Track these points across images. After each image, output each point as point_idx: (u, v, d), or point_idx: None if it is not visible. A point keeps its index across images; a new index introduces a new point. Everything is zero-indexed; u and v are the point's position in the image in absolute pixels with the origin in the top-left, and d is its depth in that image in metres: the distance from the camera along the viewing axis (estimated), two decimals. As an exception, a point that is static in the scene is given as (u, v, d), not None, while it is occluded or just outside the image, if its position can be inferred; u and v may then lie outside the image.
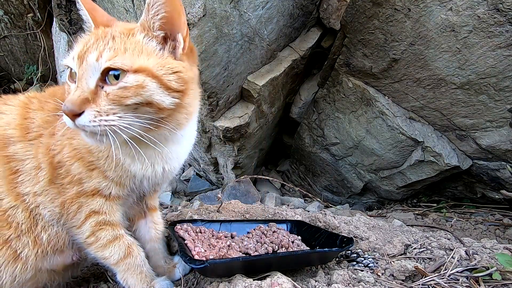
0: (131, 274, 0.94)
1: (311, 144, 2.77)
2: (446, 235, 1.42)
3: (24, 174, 0.88)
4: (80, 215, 0.88)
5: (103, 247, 0.91)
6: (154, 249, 1.09)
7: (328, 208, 2.50)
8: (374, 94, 2.21)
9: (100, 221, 0.90)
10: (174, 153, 0.92)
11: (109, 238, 0.91)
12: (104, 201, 0.89)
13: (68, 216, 0.88)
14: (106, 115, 0.72)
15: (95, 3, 0.89)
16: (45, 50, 3.72)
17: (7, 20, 3.56)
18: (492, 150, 2.00)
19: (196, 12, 1.73)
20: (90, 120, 0.71)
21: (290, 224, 1.33)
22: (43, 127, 0.90)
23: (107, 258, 0.92)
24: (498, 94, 1.79)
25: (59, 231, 0.92)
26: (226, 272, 0.93)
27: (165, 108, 0.77)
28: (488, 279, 0.99)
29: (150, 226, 1.11)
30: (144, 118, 0.76)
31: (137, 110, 0.75)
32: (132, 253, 0.94)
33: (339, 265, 1.12)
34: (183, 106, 0.82)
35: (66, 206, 0.87)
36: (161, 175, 0.92)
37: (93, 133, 0.74)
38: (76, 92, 0.72)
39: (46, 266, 0.94)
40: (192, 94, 0.86)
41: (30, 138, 0.90)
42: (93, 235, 0.90)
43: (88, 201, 0.88)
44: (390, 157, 2.34)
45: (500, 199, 2.25)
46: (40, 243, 0.90)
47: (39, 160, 0.88)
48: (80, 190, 0.87)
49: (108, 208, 0.90)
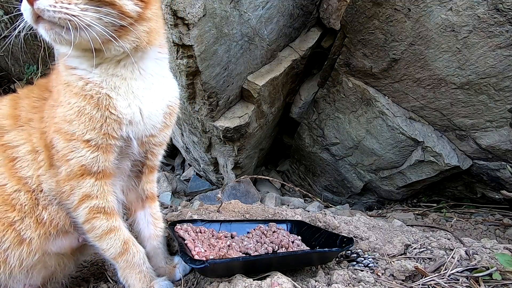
0: (130, 273, 0.94)
1: (311, 144, 2.77)
2: (446, 235, 1.42)
3: (21, 160, 0.91)
4: (74, 198, 0.89)
5: (99, 237, 0.91)
6: (155, 249, 1.09)
7: (328, 208, 2.50)
8: (374, 94, 2.21)
9: (93, 207, 0.89)
10: (143, 91, 0.90)
11: (104, 229, 0.91)
12: (94, 181, 0.88)
13: (62, 196, 0.89)
14: (68, 2, 0.71)
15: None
16: (45, 50, 3.72)
17: (7, 20, 3.56)
18: (492, 150, 2.00)
19: (196, 12, 1.73)
20: (50, 4, 0.70)
21: (290, 224, 1.33)
22: (32, 112, 0.94)
23: (105, 250, 0.93)
24: (498, 94, 1.79)
25: (59, 210, 0.93)
26: (226, 272, 0.93)
27: (127, 13, 0.78)
28: (488, 279, 0.99)
29: (150, 221, 1.10)
30: (105, 21, 0.75)
31: (99, 8, 0.74)
32: (129, 249, 0.94)
33: (339, 265, 1.12)
34: (144, 18, 0.83)
35: (61, 186, 0.89)
36: (141, 119, 0.90)
37: (52, 24, 0.72)
38: None
39: (53, 249, 0.94)
40: (155, 12, 0.87)
41: (20, 124, 0.93)
42: (88, 222, 0.90)
43: (79, 183, 0.87)
44: (390, 157, 2.34)
45: (500, 199, 2.25)
46: (42, 224, 0.91)
47: (34, 145, 0.91)
48: (69, 171, 0.87)
49: (99, 190, 0.89)
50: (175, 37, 1.78)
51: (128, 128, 0.88)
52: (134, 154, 0.96)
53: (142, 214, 1.10)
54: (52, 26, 0.73)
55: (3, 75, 3.96)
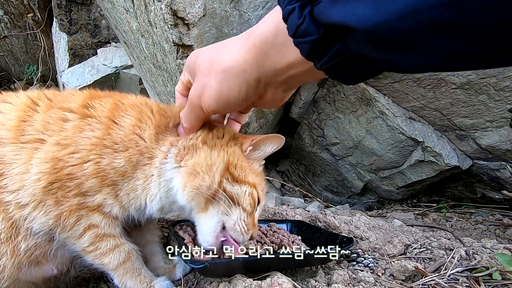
0: (129, 277, 0.93)
1: (311, 144, 2.77)
2: (446, 235, 1.42)
3: (9, 178, 0.82)
4: (79, 227, 0.86)
5: (103, 255, 0.90)
6: (152, 251, 1.09)
7: (328, 208, 2.50)
8: (374, 94, 2.21)
9: (100, 234, 0.89)
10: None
11: (109, 247, 0.90)
12: (103, 218, 0.88)
13: (64, 228, 0.85)
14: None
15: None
16: (45, 50, 3.73)
17: (7, 20, 3.56)
18: (492, 150, 2.00)
19: (196, 12, 1.73)
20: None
21: (290, 224, 1.33)
22: (45, 132, 0.85)
23: (105, 265, 0.91)
24: (498, 94, 1.79)
25: (40, 242, 0.88)
26: (226, 272, 0.93)
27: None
28: (488, 279, 0.99)
29: (146, 231, 1.10)
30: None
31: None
32: (131, 258, 0.93)
33: (339, 265, 1.12)
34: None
35: (63, 219, 0.84)
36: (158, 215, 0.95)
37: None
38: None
39: (23, 278, 0.90)
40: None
41: (23, 141, 0.84)
42: (92, 245, 0.88)
43: (89, 214, 0.86)
44: (390, 157, 2.34)
45: (500, 199, 2.25)
46: (17, 253, 0.86)
47: (29, 166, 0.82)
48: (82, 203, 0.84)
49: (107, 224, 0.89)
50: (175, 37, 1.77)
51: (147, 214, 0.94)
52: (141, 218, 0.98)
53: (139, 229, 1.10)
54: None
55: (3, 75, 3.96)
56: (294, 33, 0.49)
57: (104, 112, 0.87)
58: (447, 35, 0.36)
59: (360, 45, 0.44)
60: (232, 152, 0.88)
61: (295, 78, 0.60)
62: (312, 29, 0.46)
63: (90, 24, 3.38)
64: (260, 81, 0.64)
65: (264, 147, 0.94)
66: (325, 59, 0.48)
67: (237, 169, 0.87)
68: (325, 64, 0.49)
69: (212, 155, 0.86)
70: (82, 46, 3.39)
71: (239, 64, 0.63)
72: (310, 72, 0.56)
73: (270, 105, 0.72)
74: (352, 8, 0.40)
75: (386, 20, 0.37)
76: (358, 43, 0.44)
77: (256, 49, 0.60)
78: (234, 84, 0.65)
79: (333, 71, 0.50)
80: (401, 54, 0.41)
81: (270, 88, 0.66)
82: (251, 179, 0.89)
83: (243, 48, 0.63)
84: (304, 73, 0.58)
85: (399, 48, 0.40)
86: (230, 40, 0.69)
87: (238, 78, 0.64)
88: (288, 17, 0.49)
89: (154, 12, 1.71)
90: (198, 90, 0.72)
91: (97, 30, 3.42)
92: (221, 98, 0.68)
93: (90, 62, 3.24)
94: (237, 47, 0.64)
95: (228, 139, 0.91)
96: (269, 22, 0.57)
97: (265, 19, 0.59)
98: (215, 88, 0.68)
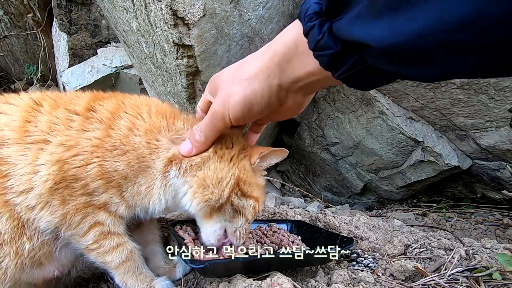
0: (130, 276, 0.93)
1: (311, 144, 2.77)
2: (446, 235, 1.42)
3: (15, 178, 0.82)
4: (84, 225, 0.87)
5: (106, 253, 0.90)
6: (153, 251, 1.09)
7: (328, 208, 2.50)
8: (374, 94, 2.21)
9: (104, 231, 0.89)
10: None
11: (113, 245, 0.90)
12: (108, 216, 0.89)
13: (70, 226, 0.86)
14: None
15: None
16: (45, 50, 3.73)
17: (7, 20, 3.56)
18: (492, 150, 2.00)
19: (196, 12, 1.73)
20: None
21: (290, 224, 1.33)
22: (50, 133, 0.84)
23: (108, 263, 0.91)
24: (498, 94, 1.79)
25: (45, 241, 0.88)
26: (226, 272, 0.93)
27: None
28: (488, 279, 0.99)
29: (147, 231, 1.11)
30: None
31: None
32: (133, 257, 0.94)
33: (339, 265, 1.12)
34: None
35: (69, 217, 0.85)
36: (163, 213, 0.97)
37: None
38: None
39: (25, 279, 0.91)
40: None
41: (28, 142, 0.83)
42: (96, 242, 0.89)
43: (95, 212, 0.86)
44: (390, 157, 2.34)
45: (500, 199, 2.25)
46: (21, 254, 0.86)
47: (35, 167, 0.82)
48: (89, 201, 0.85)
49: (112, 222, 0.90)
50: (175, 37, 1.77)
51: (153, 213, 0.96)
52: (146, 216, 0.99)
53: (140, 227, 1.11)
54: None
55: (3, 75, 3.96)
56: (314, 47, 0.55)
57: (105, 114, 0.87)
58: (457, 53, 0.40)
59: (375, 59, 0.49)
60: (243, 167, 0.90)
61: (314, 84, 0.66)
62: (330, 43, 0.52)
63: (90, 24, 3.38)
64: (281, 87, 0.68)
65: (270, 159, 0.96)
66: (342, 69, 0.54)
67: (246, 184, 0.90)
68: (343, 74, 0.54)
69: (222, 168, 0.87)
70: (82, 46, 3.39)
71: (262, 70, 0.68)
72: (328, 80, 0.61)
73: (291, 111, 0.77)
74: (371, 29, 0.45)
75: (400, 41, 0.42)
76: (374, 58, 0.49)
77: (278, 56, 0.65)
78: (257, 90, 0.70)
79: (349, 80, 0.55)
80: (413, 67, 0.46)
81: (290, 93, 0.71)
82: (256, 193, 0.93)
83: (265, 57, 0.68)
84: (322, 81, 0.63)
85: (412, 63, 0.45)
86: (249, 56, 0.75)
87: (261, 83, 0.69)
88: (308, 33, 0.55)
89: (154, 12, 1.71)
90: (223, 97, 0.76)
91: (97, 30, 3.42)
92: (246, 104, 0.72)
93: (90, 62, 3.24)
94: (259, 57, 0.70)
95: (238, 150, 0.91)
96: (290, 34, 0.63)
97: (286, 31, 0.65)
98: (240, 94, 0.72)
